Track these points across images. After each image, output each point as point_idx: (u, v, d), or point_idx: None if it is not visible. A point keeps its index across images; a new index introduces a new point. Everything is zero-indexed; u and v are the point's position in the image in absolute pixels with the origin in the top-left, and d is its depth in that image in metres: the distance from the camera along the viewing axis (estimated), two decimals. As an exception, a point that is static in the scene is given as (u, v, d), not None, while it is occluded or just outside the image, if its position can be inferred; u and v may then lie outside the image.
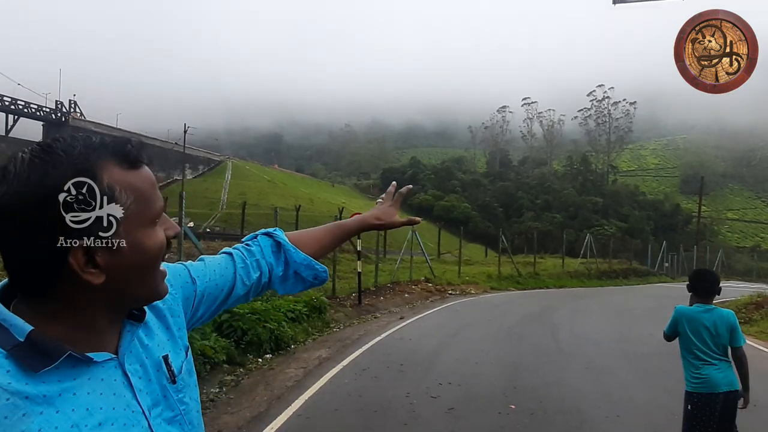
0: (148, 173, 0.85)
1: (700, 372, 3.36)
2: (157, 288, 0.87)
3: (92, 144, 0.79)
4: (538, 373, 7.15)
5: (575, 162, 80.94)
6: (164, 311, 0.97)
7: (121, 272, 0.80)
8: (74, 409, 0.77)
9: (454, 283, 20.21)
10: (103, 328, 0.84)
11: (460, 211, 62.35)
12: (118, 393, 0.82)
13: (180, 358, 0.95)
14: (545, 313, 13.87)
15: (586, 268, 30.81)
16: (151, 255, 0.83)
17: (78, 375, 0.79)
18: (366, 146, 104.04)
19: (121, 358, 0.85)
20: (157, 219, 0.84)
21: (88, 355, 0.79)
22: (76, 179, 0.75)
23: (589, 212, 64.02)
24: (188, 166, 56.44)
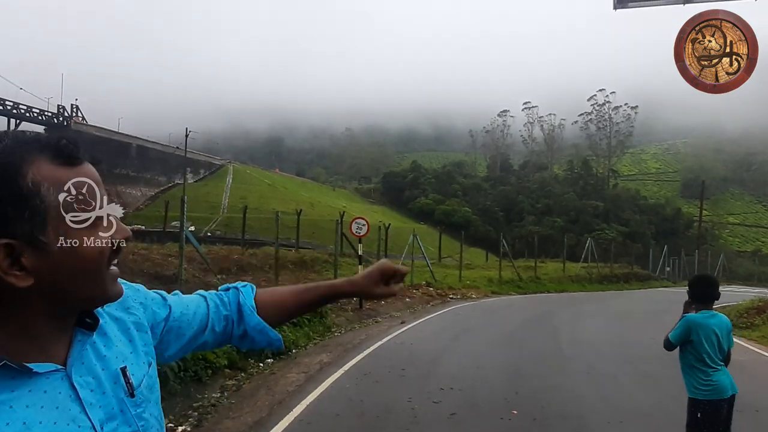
0: (88, 171, 0.78)
1: (711, 378, 3.36)
2: (105, 291, 0.80)
3: (23, 139, 0.75)
4: (539, 378, 7.14)
5: (576, 166, 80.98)
6: (128, 323, 0.92)
7: (53, 275, 0.74)
8: (8, 423, 0.72)
9: (455, 288, 20.20)
10: (46, 336, 0.78)
11: (460, 215, 62.33)
12: (62, 407, 0.76)
13: (142, 371, 0.89)
14: (546, 318, 13.86)
15: (587, 272, 30.80)
16: (87, 258, 0.76)
17: (17, 387, 0.74)
18: (367, 150, 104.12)
19: (68, 369, 0.79)
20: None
21: (28, 366, 0.74)
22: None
23: (590, 216, 64.00)
24: (189, 170, 56.49)
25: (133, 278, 4.47)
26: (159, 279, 11.88)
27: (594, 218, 63.85)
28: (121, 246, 0.81)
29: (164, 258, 14.22)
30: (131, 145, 52.03)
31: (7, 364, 0.73)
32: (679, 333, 3.49)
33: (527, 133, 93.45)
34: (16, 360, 0.73)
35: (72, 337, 0.82)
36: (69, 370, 0.79)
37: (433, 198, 68.55)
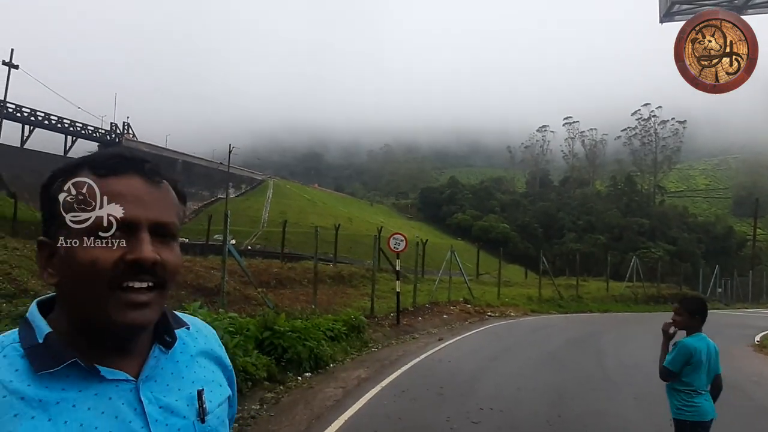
0: (113, 182, 0.77)
1: (694, 401, 3.39)
2: (104, 312, 0.75)
3: (90, 155, 0.83)
4: (583, 401, 6.88)
5: (619, 182, 78.67)
6: (215, 354, 0.94)
7: (65, 280, 0.76)
8: (67, 421, 0.72)
9: (493, 305, 19.85)
10: (114, 346, 0.79)
11: (499, 231, 61.47)
12: (123, 417, 0.76)
13: (218, 401, 0.89)
14: (590, 339, 13.40)
15: (633, 292, 29.68)
16: (79, 268, 0.74)
17: (85, 388, 0.75)
18: (404, 166, 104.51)
19: (139, 382, 0.79)
20: (95, 228, 0.75)
21: (97, 368, 0.76)
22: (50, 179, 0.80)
23: (634, 234, 61.83)
24: (232, 185, 58.07)
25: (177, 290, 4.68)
26: (201, 291, 12.20)
27: (639, 236, 61.64)
28: (137, 266, 0.75)
29: (207, 270, 14.60)
30: (177, 161, 53.95)
31: (77, 362, 0.75)
32: (680, 360, 3.40)
33: (568, 149, 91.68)
34: (87, 362, 0.75)
35: (149, 353, 0.83)
36: (139, 383, 0.80)
37: (471, 214, 67.91)
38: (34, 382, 0.73)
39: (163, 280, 0.79)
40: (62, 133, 45.17)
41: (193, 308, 6.40)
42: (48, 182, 0.80)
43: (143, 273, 0.76)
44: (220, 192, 56.84)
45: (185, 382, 0.85)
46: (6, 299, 7.55)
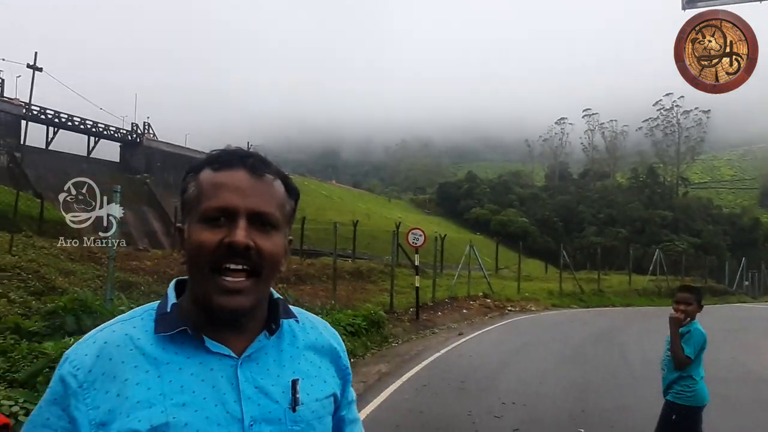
0: (220, 176, 0.87)
1: (697, 386, 3.53)
2: (207, 293, 0.84)
3: (211, 153, 0.94)
4: (608, 396, 6.80)
5: (641, 174, 77.24)
6: (329, 351, 0.99)
7: (187, 261, 0.87)
8: (171, 381, 0.82)
9: (513, 299, 19.71)
10: (225, 324, 0.87)
11: (518, 225, 60.91)
12: (218, 388, 0.84)
13: (315, 396, 0.92)
14: (613, 333, 13.22)
15: (656, 285, 29.18)
16: (189, 247, 0.85)
17: (192, 356, 0.85)
18: (421, 161, 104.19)
19: (240, 361, 0.87)
20: (206, 216, 0.85)
21: (204, 338, 0.85)
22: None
23: (657, 227, 60.71)
24: (250, 182, 58.62)
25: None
26: (223, 287, 12.36)
27: (662, 228, 60.49)
28: (231, 249, 0.83)
29: (228, 267, 14.79)
30: (197, 159, 54.55)
31: (188, 332, 0.85)
32: (699, 348, 3.53)
33: (587, 141, 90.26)
34: (197, 334, 0.85)
35: (255, 337, 0.90)
36: (240, 361, 0.87)
37: (489, 208, 67.41)
38: (155, 343, 0.85)
39: (258, 266, 0.86)
40: (85, 134, 46.04)
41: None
42: (183, 178, 0.93)
43: (237, 256, 0.84)
44: (239, 190, 57.41)
45: (285, 371, 0.91)
46: (35, 296, 7.75)
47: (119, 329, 0.87)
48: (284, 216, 0.92)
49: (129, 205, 38.76)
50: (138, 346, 0.84)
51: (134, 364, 0.83)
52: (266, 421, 0.86)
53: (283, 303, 0.96)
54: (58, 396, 0.83)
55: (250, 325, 0.89)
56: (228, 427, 0.83)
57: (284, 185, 0.93)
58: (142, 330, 0.86)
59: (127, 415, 0.80)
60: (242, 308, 0.85)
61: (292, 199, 0.95)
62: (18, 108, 38.64)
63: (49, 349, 3.92)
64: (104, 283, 8.62)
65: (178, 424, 0.80)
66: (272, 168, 0.92)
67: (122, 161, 48.24)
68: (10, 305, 6.98)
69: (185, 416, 0.81)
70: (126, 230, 36.73)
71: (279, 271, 0.92)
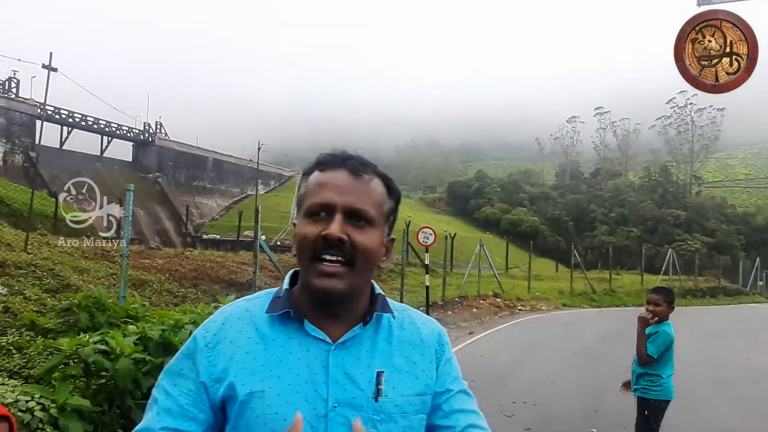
0: (324, 176, 0.97)
1: (662, 382, 3.76)
2: (308, 277, 0.95)
3: (319, 156, 1.03)
4: (620, 396, 6.72)
5: (654, 173, 76.43)
6: (427, 348, 1.02)
7: (296, 250, 0.97)
8: (273, 354, 0.94)
9: (523, 299, 19.63)
10: (323, 313, 0.96)
11: (528, 224, 60.58)
12: (311, 368, 0.93)
13: (402, 390, 0.96)
14: (625, 333, 13.07)
15: (668, 285, 28.88)
16: (296, 239, 0.96)
17: (294, 336, 0.96)
18: (431, 160, 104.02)
19: (334, 347, 0.95)
20: (309, 211, 0.96)
21: (305, 323, 0.96)
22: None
23: (669, 226, 60.06)
24: (261, 181, 58.89)
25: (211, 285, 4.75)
26: (234, 285, 12.43)
27: (674, 228, 59.84)
28: (327, 240, 0.92)
29: (238, 265, 14.87)
30: (208, 158, 54.91)
31: (291, 314, 0.96)
32: (662, 347, 3.78)
33: (599, 140, 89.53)
34: (299, 317, 0.96)
35: (352, 327, 0.98)
36: (334, 347, 0.95)
37: (499, 207, 67.11)
38: (267, 321, 0.97)
39: (352, 257, 0.94)
40: (98, 133, 46.52)
41: (228, 302, 6.50)
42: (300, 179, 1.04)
43: (332, 247, 0.93)
44: (249, 188, 57.68)
45: (375, 362, 0.96)
46: (50, 294, 7.84)
47: (243, 305, 1.01)
48: (381, 214, 0.99)
49: (141, 204, 39.21)
50: (253, 321, 0.98)
51: (248, 335, 0.96)
52: (349, 405, 0.92)
53: (383, 298, 1.02)
54: (190, 351, 0.98)
55: (347, 315, 0.97)
56: (314, 404, 0.91)
57: (385, 186, 1.02)
58: (260, 308, 0.99)
59: (234, 376, 0.93)
60: (335, 291, 0.93)
61: (392, 200, 1.03)
62: (33, 108, 39.17)
63: (64, 346, 3.96)
64: (117, 280, 8.70)
65: (271, 393, 0.91)
66: (372, 169, 1.01)
67: (134, 160, 48.74)
68: (25, 302, 7.07)
69: (279, 387, 0.92)
70: (138, 229, 37.14)
71: (377, 265, 0.99)
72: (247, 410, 0.91)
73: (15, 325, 5.93)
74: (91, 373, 3.97)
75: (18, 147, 37.90)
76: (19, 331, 5.61)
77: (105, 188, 38.48)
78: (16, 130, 37.86)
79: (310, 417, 0.90)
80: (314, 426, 0.90)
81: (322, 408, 0.91)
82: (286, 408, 0.90)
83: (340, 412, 0.91)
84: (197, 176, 52.61)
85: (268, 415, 0.90)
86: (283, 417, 0.90)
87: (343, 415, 0.91)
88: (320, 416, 0.91)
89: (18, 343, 5.18)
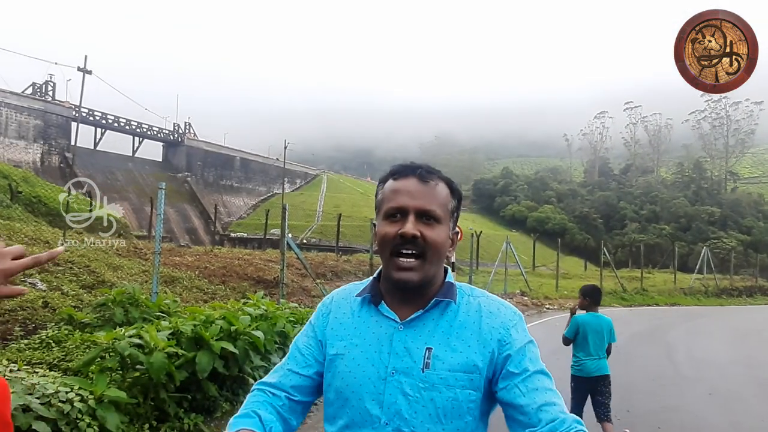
0: (397, 183, 1.17)
1: (581, 361, 4.50)
2: (389, 272, 1.16)
3: (393, 167, 1.22)
4: (653, 396, 6.58)
5: (687, 169, 74.25)
6: (497, 331, 1.14)
7: (377, 245, 1.18)
8: (356, 327, 1.19)
9: (551, 297, 19.33)
10: (395, 298, 1.18)
11: (555, 222, 59.66)
12: (380, 340, 1.15)
13: (451, 365, 1.11)
14: (657, 333, 12.78)
15: (703, 284, 28.04)
16: (378, 238, 1.18)
17: (374, 315, 1.20)
18: (456, 158, 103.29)
19: (401, 325, 1.16)
20: (387, 213, 1.16)
21: (382, 303, 1.19)
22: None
23: (704, 223, 58.28)
24: (287, 180, 59.47)
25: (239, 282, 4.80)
26: (262, 282, 12.58)
27: (709, 225, 58.04)
28: (403, 238, 1.12)
29: (265, 263, 15.06)
30: (235, 158, 55.72)
31: (369, 298, 1.21)
32: (572, 330, 4.62)
33: (629, 135, 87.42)
34: (376, 300, 1.20)
35: (417, 309, 1.17)
36: (400, 326, 1.16)
37: (526, 205, 66.25)
38: (358, 302, 1.23)
39: (423, 249, 1.13)
40: (130, 134, 47.69)
41: (257, 299, 6.59)
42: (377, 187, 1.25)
43: (407, 243, 1.12)
44: (276, 187, 58.33)
45: (432, 340, 1.14)
46: (86, 289, 8.09)
47: (348, 288, 1.29)
48: (446, 212, 1.18)
49: (171, 203, 40.06)
50: (350, 300, 1.24)
51: (344, 311, 1.23)
52: (404, 373, 1.12)
53: (449, 285, 1.20)
54: (314, 319, 1.28)
55: (418, 300, 1.17)
56: (378, 369, 1.13)
57: (448, 188, 1.20)
58: (356, 291, 1.24)
59: (329, 339, 1.21)
60: (412, 281, 1.13)
61: (455, 199, 1.21)
62: (68, 110, 40.40)
63: (101, 339, 4.07)
64: (150, 277, 8.91)
65: (348, 356, 1.16)
66: (437, 175, 1.19)
67: (164, 160, 49.80)
68: (63, 298, 7.31)
69: (354, 353, 1.16)
70: (168, 227, 37.97)
71: (445, 255, 1.17)
72: (332, 366, 1.18)
73: (54, 319, 6.14)
74: (126, 366, 4.08)
75: (54, 148, 39.14)
76: (58, 325, 5.80)
77: (137, 187, 39.16)
78: (52, 131, 39.10)
79: (374, 378, 1.13)
80: (376, 386, 1.12)
81: (383, 373, 1.12)
82: (357, 369, 1.14)
83: (395, 378, 1.11)
84: (225, 175, 53.46)
85: (344, 372, 1.15)
86: (354, 375, 1.14)
87: (397, 380, 1.11)
88: (381, 379, 1.12)
89: (57, 336, 5.37)
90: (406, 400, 1.10)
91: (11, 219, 13.64)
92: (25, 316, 6.28)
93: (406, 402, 1.09)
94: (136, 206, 39.00)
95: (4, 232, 10.90)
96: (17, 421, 2.91)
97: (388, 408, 1.10)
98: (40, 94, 42.06)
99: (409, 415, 1.09)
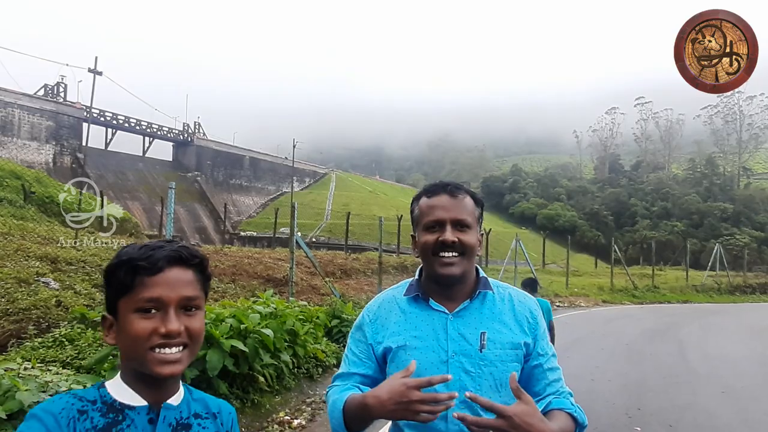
0: (431, 200, 1.40)
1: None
2: (434, 269, 1.36)
3: (425, 186, 1.45)
4: (665, 394, 6.52)
5: (699, 165, 73.43)
6: (526, 316, 1.40)
7: (419, 251, 1.41)
8: (411, 322, 1.38)
9: (561, 295, 19.23)
10: (444, 288, 1.38)
11: (565, 219, 59.30)
12: (435, 329, 1.35)
13: (501, 343, 1.33)
14: (670, 330, 12.67)
15: (715, 281, 27.74)
16: (419, 246, 1.39)
17: (424, 310, 1.39)
18: (465, 155, 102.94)
19: (450, 315, 1.36)
20: (426, 226, 1.38)
21: (430, 300, 1.38)
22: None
23: (716, 220, 57.62)
24: (296, 178, 59.63)
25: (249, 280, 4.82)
26: (271, 281, 12.63)
27: (721, 222, 57.36)
28: (444, 244, 1.34)
29: (275, 261, 15.11)
30: (245, 157, 55.94)
31: (419, 297, 1.40)
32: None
33: (640, 131, 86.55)
34: (425, 296, 1.40)
35: (463, 301, 1.38)
36: (450, 316, 1.36)
37: (535, 202, 65.93)
38: (405, 301, 1.42)
39: (461, 251, 1.35)
40: (141, 134, 48.03)
41: (266, 297, 6.62)
42: (411, 204, 1.48)
43: (447, 248, 1.35)
44: (285, 186, 58.51)
45: (481, 325, 1.35)
46: (99, 288, 8.17)
47: (390, 293, 1.48)
48: (474, 219, 1.40)
49: (181, 202, 40.35)
50: (397, 302, 1.43)
51: (394, 313, 1.41)
52: (463, 355, 1.32)
53: (485, 279, 1.42)
54: (360, 324, 1.46)
55: (459, 294, 1.38)
56: (438, 354, 1.32)
57: (473, 199, 1.42)
58: (400, 293, 1.44)
59: (387, 338, 1.39)
60: (454, 275, 1.35)
61: (479, 207, 1.43)
62: (80, 111, 40.79)
63: (113, 338, 4.11)
64: (160, 276, 8.94)
65: (411, 345, 1.35)
66: (464, 190, 1.42)
67: (174, 160, 50.11)
68: (76, 296, 7.39)
69: (415, 342, 1.35)
70: (178, 226, 38.24)
71: (476, 254, 1.39)
72: (396, 357, 1.36)
73: (67, 318, 6.20)
74: (138, 364, 4.10)
75: (66, 149, 39.54)
76: (71, 323, 5.87)
77: (147, 187, 39.41)
78: (64, 132, 39.49)
79: (436, 362, 1.32)
80: (439, 368, 1.31)
81: (444, 356, 1.32)
82: (419, 356, 1.32)
83: (456, 359, 1.31)
84: (234, 174, 53.71)
85: (408, 360, 1.27)
86: (418, 362, 1.28)
87: (458, 361, 1.31)
88: (443, 361, 1.32)
89: (70, 335, 5.43)
90: (469, 377, 1.30)
91: (25, 219, 13.81)
92: (38, 315, 6.36)
93: (470, 378, 1.30)
94: (147, 206, 39.32)
95: (17, 232, 11.04)
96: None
97: (453, 385, 1.27)
98: (51, 95, 42.49)
99: (474, 389, 1.28)
